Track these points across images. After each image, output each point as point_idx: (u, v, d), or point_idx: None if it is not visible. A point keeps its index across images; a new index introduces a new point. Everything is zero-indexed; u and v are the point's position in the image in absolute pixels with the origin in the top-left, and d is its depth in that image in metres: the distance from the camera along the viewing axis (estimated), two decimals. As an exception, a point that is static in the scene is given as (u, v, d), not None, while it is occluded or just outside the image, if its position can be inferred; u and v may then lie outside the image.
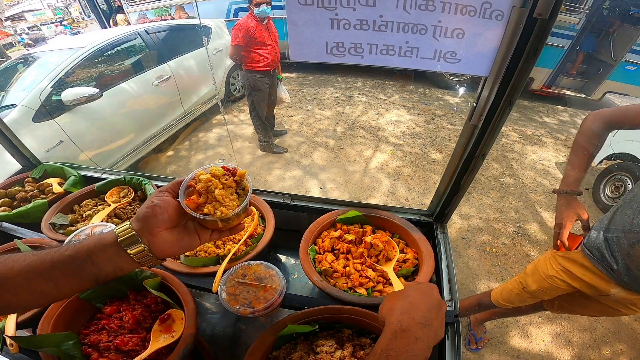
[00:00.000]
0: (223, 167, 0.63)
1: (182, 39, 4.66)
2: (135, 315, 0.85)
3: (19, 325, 0.85)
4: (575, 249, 1.41)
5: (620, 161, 3.36)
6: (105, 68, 3.63)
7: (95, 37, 3.71)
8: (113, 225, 0.93)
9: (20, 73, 3.31)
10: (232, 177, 0.62)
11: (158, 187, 1.27)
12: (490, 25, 0.68)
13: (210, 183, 0.59)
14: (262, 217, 1.15)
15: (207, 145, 4.50)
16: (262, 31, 3.42)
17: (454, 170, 0.95)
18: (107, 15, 9.52)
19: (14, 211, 1.19)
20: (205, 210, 0.58)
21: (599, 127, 1.25)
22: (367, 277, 0.96)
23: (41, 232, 1.10)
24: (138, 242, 0.54)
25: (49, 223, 1.12)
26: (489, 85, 0.77)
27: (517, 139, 4.62)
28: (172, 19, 7.59)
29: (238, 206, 0.60)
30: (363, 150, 4.21)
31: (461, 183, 0.96)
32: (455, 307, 0.88)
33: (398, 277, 0.95)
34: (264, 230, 1.09)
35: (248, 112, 4.15)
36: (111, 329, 0.84)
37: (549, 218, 3.21)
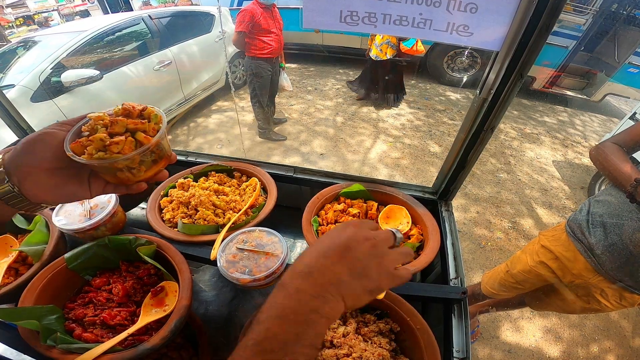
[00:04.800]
0: (123, 105, 0.53)
1: (185, 25, 4.65)
2: (126, 288, 0.80)
3: (1, 300, 0.79)
4: None
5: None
6: (107, 51, 3.64)
7: (99, 21, 3.72)
8: (111, 192, 0.89)
9: (19, 57, 3.31)
10: (127, 118, 0.51)
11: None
12: (503, 1, 0.67)
13: (100, 122, 0.50)
14: (264, 189, 1.13)
15: (207, 130, 4.49)
16: (267, 18, 3.40)
17: (461, 145, 0.93)
18: (110, 1, 9.32)
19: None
20: (86, 154, 0.47)
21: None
22: None
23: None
24: (4, 181, 0.44)
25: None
26: (500, 60, 0.76)
27: (516, 136, 4.63)
28: (175, 6, 7.51)
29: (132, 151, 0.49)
30: (363, 141, 4.21)
31: (468, 158, 0.94)
32: (462, 284, 0.87)
33: None
34: (265, 200, 1.07)
35: (248, 99, 4.13)
36: (98, 302, 0.79)
37: (544, 214, 3.23)
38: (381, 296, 0.75)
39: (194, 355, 0.86)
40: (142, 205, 1.22)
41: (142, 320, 0.74)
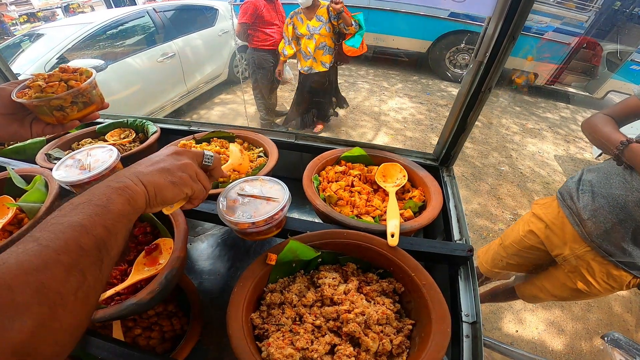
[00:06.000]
0: (60, 66, 0.70)
1: (188, 19, 4.70)
2: (119, 245, 0.78)
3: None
4: None
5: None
6: (112, 43, 3.70)
7: (104, 14, 3.85)
8: (114, 148, 0.89)
9: (23, 50, 3.38)
10: (62, 73, 0.68)
11: (161, 129, 1.26)
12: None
13: (40, 76, 0.66)
14: (266, 154, 1.14)
15: (210, 122, 4.49)
16: (270, 10, 3.45)
17: (460, 108, 0.96)
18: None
19: (10, 147, 1.18)
20: (27, 96, 0.63)
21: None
22: (374, 206, 0.93)
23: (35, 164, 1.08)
24: None
25: (45, 154, 1.09)
26: (493, 24, 0.80)
27: (517, 131, 4.61)
28: (179, 0, 7.53)
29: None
30: (364, 133, 4.23)
31: (467, 119, 0.96)
32: (467, 243, 0.86)
33: (405, 209, 0.92)
34: (266, 162, 1.08)
35: (250, 93, 4.15)
36: (88, 260, 0.76)
37: (546, 206, 3.21)
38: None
39: (185, 324, 0.83)
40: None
41: (132, 278, 0.71)
